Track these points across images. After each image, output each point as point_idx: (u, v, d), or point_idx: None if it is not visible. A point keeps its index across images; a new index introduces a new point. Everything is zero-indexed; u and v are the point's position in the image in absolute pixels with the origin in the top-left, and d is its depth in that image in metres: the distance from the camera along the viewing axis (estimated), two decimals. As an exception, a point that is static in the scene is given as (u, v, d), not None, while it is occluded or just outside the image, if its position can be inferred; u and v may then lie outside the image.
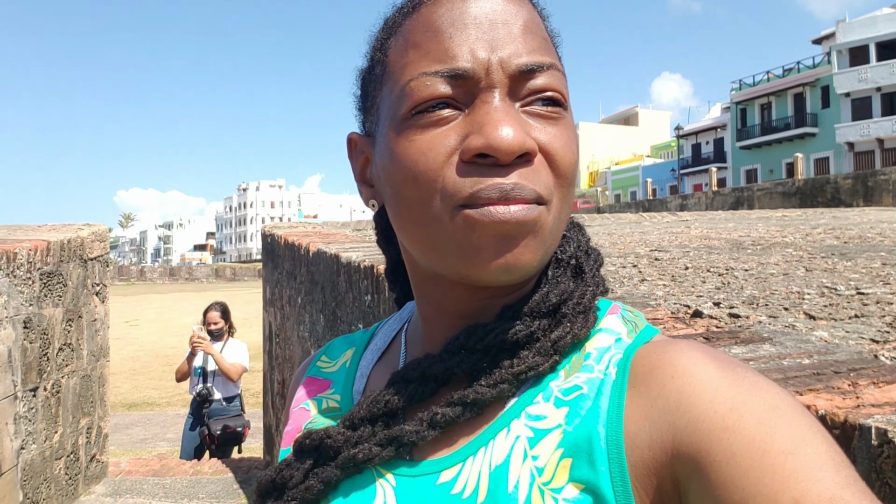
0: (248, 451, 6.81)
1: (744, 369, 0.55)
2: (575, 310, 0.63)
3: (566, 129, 0.61)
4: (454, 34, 0.59)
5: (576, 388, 0.59)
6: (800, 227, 5.06)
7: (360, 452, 0.62)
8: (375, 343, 0.81)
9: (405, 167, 0.60)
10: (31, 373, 4.56)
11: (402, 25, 0.64)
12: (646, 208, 26.76)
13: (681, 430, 0.52)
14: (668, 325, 1.86)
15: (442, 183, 0.58)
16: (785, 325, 1.85)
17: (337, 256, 3.58)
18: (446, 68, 0.59)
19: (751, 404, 0.51)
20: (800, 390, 1.21)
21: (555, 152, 0.59)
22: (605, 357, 0.61)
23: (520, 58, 0.59)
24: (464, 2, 0.61)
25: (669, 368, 0.55)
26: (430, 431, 0.61)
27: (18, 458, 4.37)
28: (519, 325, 0.62)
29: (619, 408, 0.56)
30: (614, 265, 3.13)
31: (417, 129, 0.60)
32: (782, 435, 0.49)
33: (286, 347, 5.08)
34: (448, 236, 0.59)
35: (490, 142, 0.56)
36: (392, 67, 0.63)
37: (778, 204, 20.58)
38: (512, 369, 0.60)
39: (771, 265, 2.99)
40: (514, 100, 0.60)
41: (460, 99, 0.59)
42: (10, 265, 4.33)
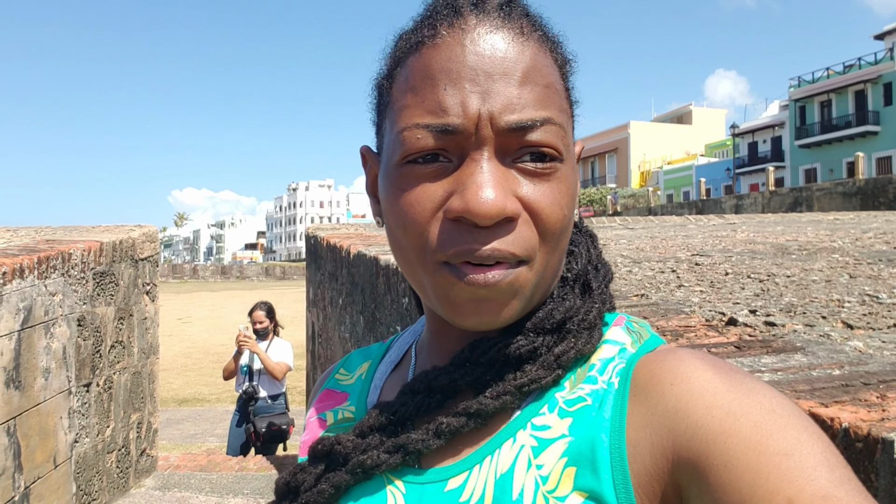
0: (293, 448, 6.91)
1: (742, 375, 0.56)
2: (580, 326, 0.64)
3: (559, 183, 0.61)
4: (448, 85, 0.59)
5: (580, 400, 0.61)
6: (850, 230, 4.91)
7: (368, 458, 0.64)
8: (390, 356, 0.83)
9: (397, 214, 0.62)
10: (84, 369, 4.72)
11: (407, 62, 0.64)
12: (699, 209, 26.26)
13: (680, 436, 0.53)
14: (699, 333, 1.84)
15: (427, 237, 0.60)
16: (820, 334, 1.81)
17: (376, 259, 3.61)
18: (437, 123, 0.59)
19: (747, 408, 0.52)
20: (825, 402, 1.19)
21: (540, 210, 0.60)
22: (608, 368, 0.62)
23: (511, 115, 0.59)
24: (462, 48, 0.60)
25: (669, 376, 0.57)
26: (435, 440, 0.63)
27: (72, 452, 4.53)
28: (522, 341, 0.63)
29: (622, 416, 0.57)
30: (652, 270, 3.10)
31: (409, 178, 0.61)
32: (777, 437, 0.50)
33: (328, 347, 5.15)
34: (431, 286, 0.62)
35: (469, 207, 0.57)
36: (394, 105, 0.64)
37: (838, 204, 19.99)
38: (515, 382, 0.62)
39: (814, 271, 2.92)
40: (505, 154, 0.60)
41: (451, 150, 0.60)
42: (65, 265, 4.49)
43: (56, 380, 4.35)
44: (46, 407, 4.24)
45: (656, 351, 0.62)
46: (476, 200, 0.57)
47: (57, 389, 4.36)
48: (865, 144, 36.24)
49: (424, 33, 0.63)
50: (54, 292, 4.36)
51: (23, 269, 4.02)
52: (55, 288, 4.37)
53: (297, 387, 9.68)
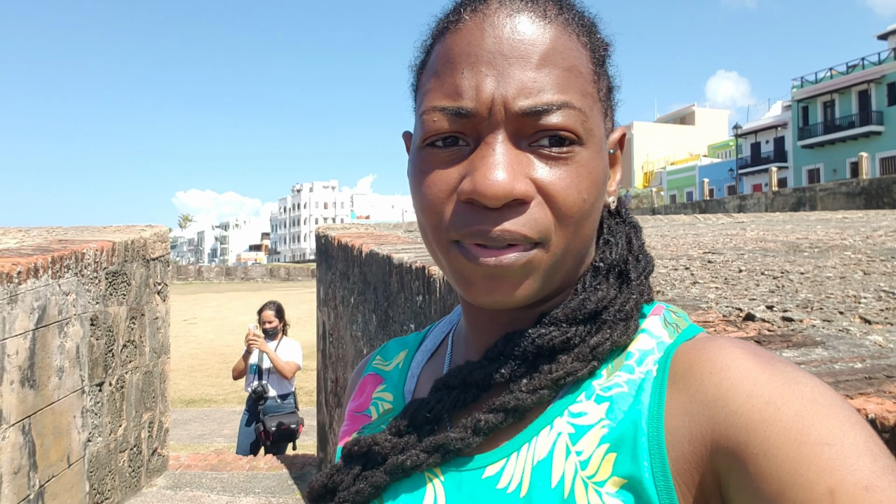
0: (302, 447, 6.93)
1: (783, 364, 0.55)
2: (616, 316, 0.64)
3: (578, 167, 0.61)
4: (466, 69, 0.60)
5: (617, 386, 0.61)
6: (860, 229, 4.92)
7: (408, 459, 0.64)
8: (426, 345, 0.84)
9: (418, 195, 0.64)
10: (97, 368, 4.74)
11: (434, 47, 0.66)
12: (702, 209, 26.23)
13: (719, 425, 0.53)
14: (718, 328, 1.85)
15: (442, 217, 0.62)
16: (839, 329, 1.82)
17: (389, 257, 3.63)
18: (451, 106, 0.60)
19: (788, 397, 0.52)
20: (850, 394, 1.20)
21: (555, 194, 0.59)
22: (647, 359, 0.62)
23: (525, 99, 0.59)
24: (481, 32, 0.61)
25: (708, 364, 0.56)
26: (474, 438, 0.63)
27: (85, 451, 4.55)
28: (555, 332, 0.63)
29: (660, 404, 0.57)
30: (666, 268, 3.11)
31: (428, 161, 0.63)
32: (819, 426, 0.49)
33: (339, 347, 5.17)
34: (448, 263, 0.63)
35: (477, 189, 0.58)
36: (421, 89, 0.66)
37: (842, 205, 19.96)
38: (551, 375, 0.62)
39: (828, 268, 2.93)
40: (521, 137, 0.60)
41: (468, 133, 0.61)
42: (78, 265, 4.52)
43: (69, 379, 4.37)
44: (60, 406, 4.26)
45: (695, 339, 0.62)
46: (484, 182, 0.57)
47: (70, 388, 4.38)
48: (869, 144, 36.17)
49: (450, 18, 0.65)
50: (68, 292, 4.38)
51: (37, 268, 4.04)
52: (69, 287, 4.40)
53: (304, 387, 9.72)
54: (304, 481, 5.68)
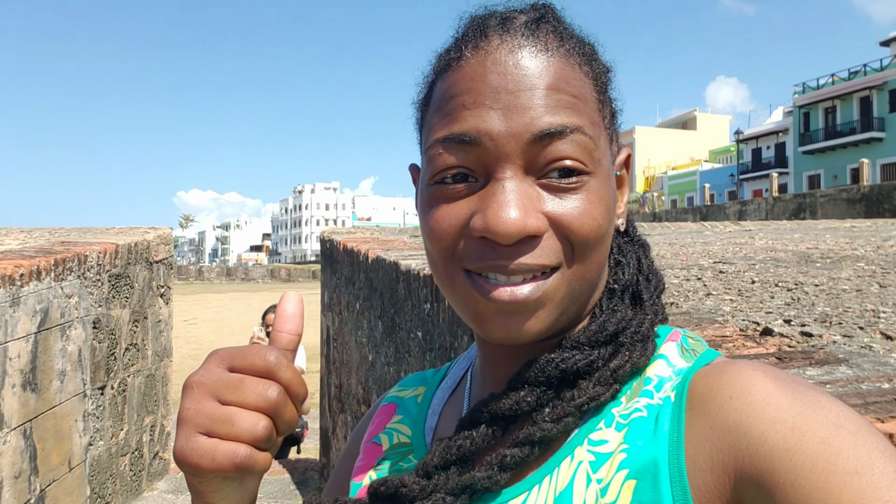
0: (305, 451, 6.91)
1: (805, 387, 0.53)
2: (633, 338, 0.63)
3: (589, 194, 0.60)
4: (470, 104, 0.60)
5: (636, 411, 0.60)
6: (870, 238, 4.89)
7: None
8: (446, 382, 0.83)
9: (427, 228, 0.64)
10: (99, 371, 4.71)
11: (437, 84, 0.66)
12: (703, 214, 26.26)
13: (742, 452, 0.51)
14: (737, 343, 1.82)
15: (453, 248, 0.62)
16: (861, 345, 1.79)
17: (396, 264, 3.60)
18: (454, 134, 0.60)
19: (813, 423, 0.50)
20: (881, 417, 1.17)
21: (569, 224, 0.59)
22: (665, 386, 0.61)
23: (537, 124, 0.59)
24: (483, 69, 0.61)
25: (728, 389, 0.55)
26: (501, 475, 0.61)
27: (86, 454, 4.52)
28: (578, 355, 0.62)
29: (680, 430, 0.56)
30: (678, 278, 3.08)
31: (437, 196, 0.63)
32: (847, 455, 0.48)
33: (344, 352, 5.14)
34: (460, 297, 0.63)
35: (490, 227, 0.58)
36: (426, 126, 0.66)
37: (842, 211, 19.97)
38: (574, 402, 0.61)
39: (842, 280, 2.90)
40: (530, 171, 0.60)
41: (475, 168, 0.61)
42: (80, 267, 4.49)
43: (71, 382, 4.34)
44: (62, 409, 4.23)
45: (713, 363, 0.61)
46: (496, 220, 0.57)
47: (72, 392, 4.35)
48: (870, 151, 36.20)
49: (451, 56, 0.64)
50: (70, 294, 4.35)
51: (39, 270, 4.02)
52: (71, 290, 4.37)
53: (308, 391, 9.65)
54: (306, 487, 5.65)
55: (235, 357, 0.58)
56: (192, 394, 0.57)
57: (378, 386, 3.98)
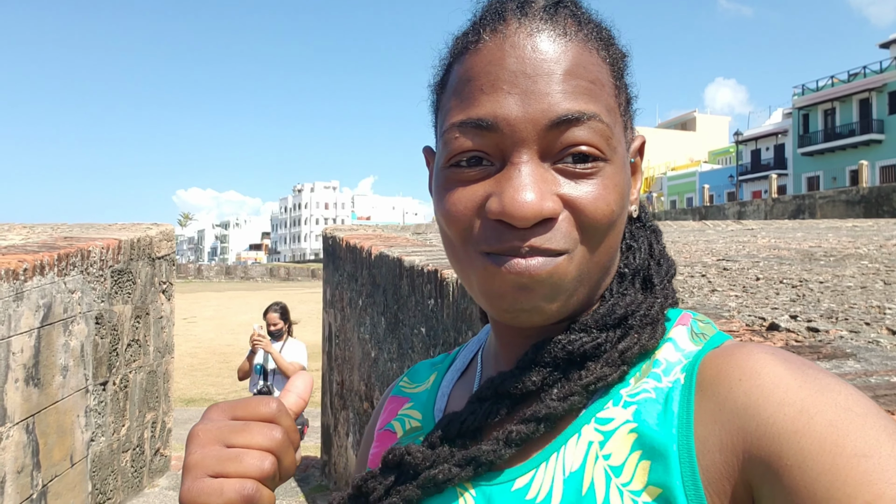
0: (306, 449, 6.89)
1: (815, 370, 0.54)
2: (643, 321, 0.64)
3: (604, 180, 0.61)
4: (487, 87, 0.60)
5: (643, 391, 0.60)
6: (873, 237, 4.90)
7: (440, 473, 0.63)
8: (456, 364, 0.84)
9: (443, 211, 0.64)
10: (101, 367, 4.71)
11: (454, 67, 0.66)
12: (702, 215, 26.29)
13: (750, 434, 0.52)
14: (744, 337, 1.82)
15: (470, 231, 0.62)
16: (868, 340, 1.80)
17: (400, 260, 3.60)
18: (471, 118, 0.60)
19: (821, 406, 0.50)
20: (890, 409, 1.18)
21: (583, 208, 0.60)
22: (674, 369, 0.61)
23: (554, 110, 0.59)
24: (502, 53, 0.61)
25: (737, 371, 0.55)
26: (506, 450, 0.62)
27: (88, 450, 4.52)
28: (586, 338, 0.63)
29: (689, 412, 0.56)
30: (682, 274, 3.09)
31: (453, 179, 0.63)
32: (854, 437, 0.48)
33: (346, 349, 5.14)
34: (475, 278, 0.63)
35: (506, 210, 0.58)
36: (442, 109, 0.66)
37: (841, 212, 19.99)
38: (581, 381, 0.61)
39: (847, 277, 2.91)
40: (546, 156, 0.60)
41: (491, 152, 0.61)
42: (84, 263, 4.49)
43: (74, 378, 4.34)
44: (64, 405, 4.23)
45: (723, 346, 0.61)
46: (513, 203, 0.58)
47: (74, 387, 4.35)
48: (869, 153, 36.20)
49: (469, 39, 0.64)
50: (73, 290, 4.35)
51: (43, 266, 4.01)
52: (74, 285, 4.36)
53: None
54: (307, 484, 5.64)
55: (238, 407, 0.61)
56: (198, 440, 0.59)
57: (381, 382, 3.98)
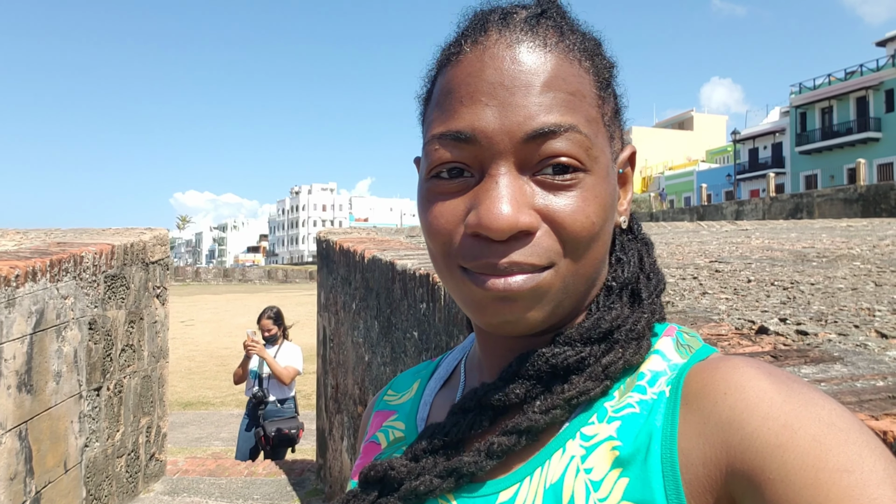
0: (302, 452, 6.89)
1: (799, 385, 0.54)
2: (628, 336, 0.63)
3: (584, 192, 0.60)
4: (465, 98, 0.61)
5: (627, 406, 0.60)
6: (866, 238, 4.90)
7: (421, 485, 0.63)
8: (439, 372, 0.84)
9: (425, 224, 0.65)
10: (95, 373, 4.70)
11: (438, 79, 0.66)
12: (700, 214, 26.29)
13: (734, 448, 0.51)
14: (732, 341, 1.82)
15: (450, 245, 0.62)
16: (856, 343, 1.79)
17: (392, 264, 3.60)
18: (449, 131, 0.61)
19: (804, 421, 0.50)
20: (875, 415, 1.17)
21: (562, 221, 0.59)
22: (659, 381, 0.61)
23: (530, 122, 0.59)
24: (481, 64, 0.61)
25: (722, 385, 0.55)
26: (487, 461, 0.62)
27: (82, 456, 4.50)
28: (570, 351, 0.63)
29: (673, 425, 0.56)
30: (673, 277, 3.08)
31: (434, 191, 0.64)
32: (837, 452, 0.48)
33: (340, 352, 5.13)
34: (458, 289, 0.63)
35: (482, 223, 0.58)
36: (426, 119, 0.67)
37: (839, 211, 20.00)
38: (563, 395, 0.61)
39: (838, 279, 2.90)
40: (525, 168, 0.60)
41: (470, 163, 0.61)
42: (76, 268, 4.48)
43: (67, 384, 4.33)
44: (58, 411, 4.22)
45: (708, 359, 0.61)
46: (489, 216, 0.58)
47: (68, 393, 4.34)
48: (867, 151, 36.22)
49: (451, 50, 0.65)
50: (66, 295, 4.34)
51: (35, 271, 4.00)
52: (67, 291, 4.35)
53: (303, 390, 9.65)
54: (302, 488, 5.64)
55: None
56: None
57: (374, 386, 3.97)
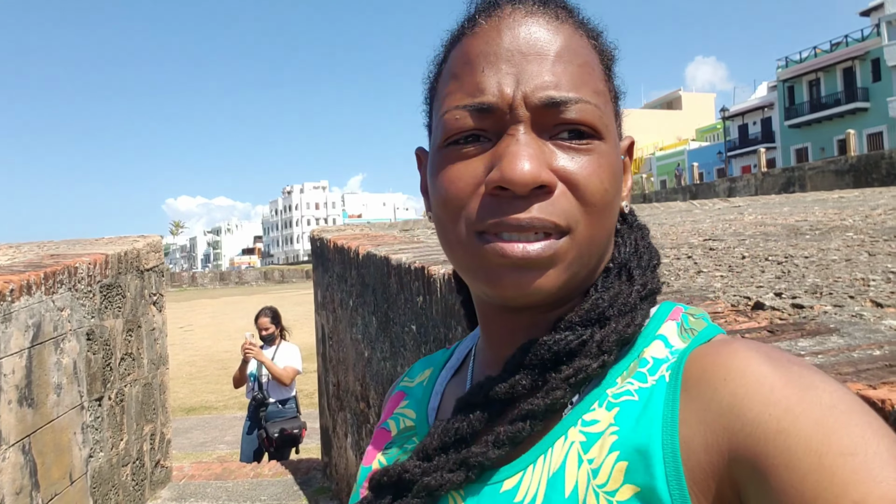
0: (306, 451, 6.90)
1: (800, 367, 0.54)
2: (620, 310, 0.64)
3: (598, 156, 0.62)
4: (486, 67, 0.63)
5: (627, 393, 0.60)
6: (858, 208, 4.91)
7: (432, 480, 0.63)
8: (451, 362, 0.85)
9: (439, 191, 0.65)
10: (95, 383, 4.69)
11: (450, 54, 0.68)
12: (693, 193, 26.32)
13: (736, 434, 0.51)
14: (729, 318, 1.82)
15: (467, 210, 0.63)
16: (852, 314, 1.79)
17: (387, 259, 3.59)
18: (474, 103, 0.62)
19: (806, 405, 0.50)
20: (873, 384, 1.17)
21: (578, 181, 0.61)
22: (660, 367, 0.61)
23: (544, 92, 0.61)
24: (498, 33, 0.64)
25: (722, 370, 0.55)
26: (495, 451, 0.62)
27: (87, 467, 4.50)
28: (571, 335, 0.63)
29: (674, 412, 0.56)
30: (668, 257, 3.08)
31: (450, 158, 0.64)
32: (840, 436, 0.48)
33: (339, 350, 5.13)
34: (471, 259, 0.63)
35: (505, 175, 0.59)
36: (439, 95, 0.68)
37: (831, 182, 20.05)
38: (560, 375, 0.62)
39: (832, 251, 2.91)
40: (543, 131, 0.62)
41: (489, 129, 0.62)
42: (71, 279, 4.46)
43: (68, 395, 4.32)
44: (60, 423, 4.21)
45: (710, 343, 0.61)
46: (511, 169, 0.59)
47: (69, 405, 4.33)
48: (855, 121, 36.29)
49: (465, 26, 0.67)
50: (62, 307, 4.33)
51: (30, 285, 3.99)
52: (63, 303, 4.34)
53: (304, 389, 9.66)
54: (309, 486, 5.65)
55: None
56: None
57: (376, 382, 3.97)
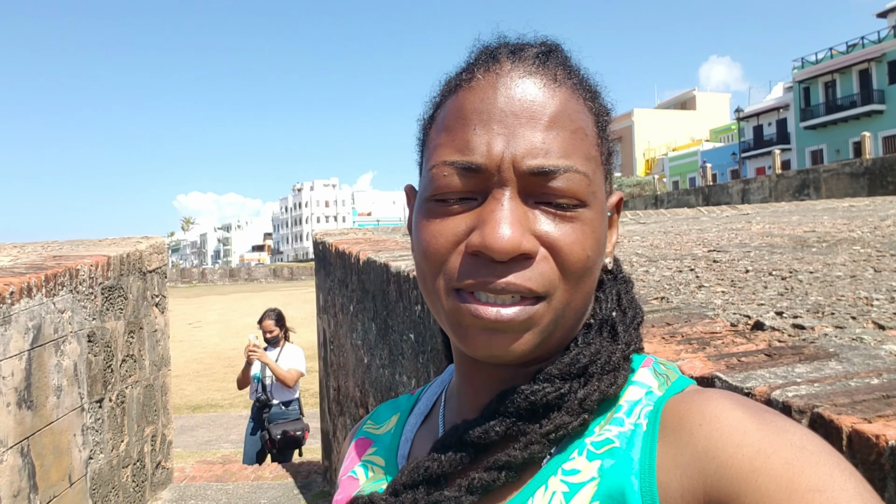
0: (309, 452, 6.89)
1: (771, 414, 0.56)
2: (603, 369, 0.64)
3: (582, 224, 0.62)
4: (478, 126, 0.62)
5: (608, 442, 0.61)
6: (868, 219, 4.83)
7: None
8: (419, 407, 0.84)
9: (421, 243, 0.65)
10: (96, 385, 4.69)
11: (446, 103, 0.68)
12: (705, 195, 26.15)
13: (710, 476, 0.53)
14: (726, 339, 1.78)
15: (446, 267, 0.63)
16: (852, 337, 1.74)
17: (387, 266, 3.56)
18: (462, 161, 0.62)
19: (777, 446, 0.52)
20: (868, 417, 1.13)
21: (560, 248, 0.61)
22: (635, 410, 0.62)
23: (533, 159, 0.61)
24: (494, 91, 0.63)
25: (697, 416, 0.56)
26: (468, 497, 0.62)
27: (87, 468, 4.50)
28: (549, 388, 0.63)
29: (652, 458, 0.57)
30: (670, 269, 3.03)
31: (435, 213, 0.64)
32: (809, 474, 0.49)
33: (340, 355, 5.11)
34: (447, 314, 0.64)
35: (486, 242, 0.59)
36: (430, 143, 0.68)
37: (846, 185, 19.88)
38: (541, 430, 0.62)
39: (837, 266, 2.85)
40: (528, 196, 0.62)
41: (476, 189, 0.62)
42: (72, 281, 4.46)
43: (68, 397, 4.32)
44: (59, 425, 4.20)
45: (684, 392, 0.62)
46: (493, 236, 0.59)
47: (69, 407, 4.33)
48: (871, 124, 35.98)
49: (462, 77, 0.67)
50: (63, 309, 4.32)
51: (30, 287, 3.98)
52: (64, 305, 4.33)
53: (309, 389, 9.66)
54: (309, 490, 5.64)
55: None
56: None
57: (374, 389, 3.95)
